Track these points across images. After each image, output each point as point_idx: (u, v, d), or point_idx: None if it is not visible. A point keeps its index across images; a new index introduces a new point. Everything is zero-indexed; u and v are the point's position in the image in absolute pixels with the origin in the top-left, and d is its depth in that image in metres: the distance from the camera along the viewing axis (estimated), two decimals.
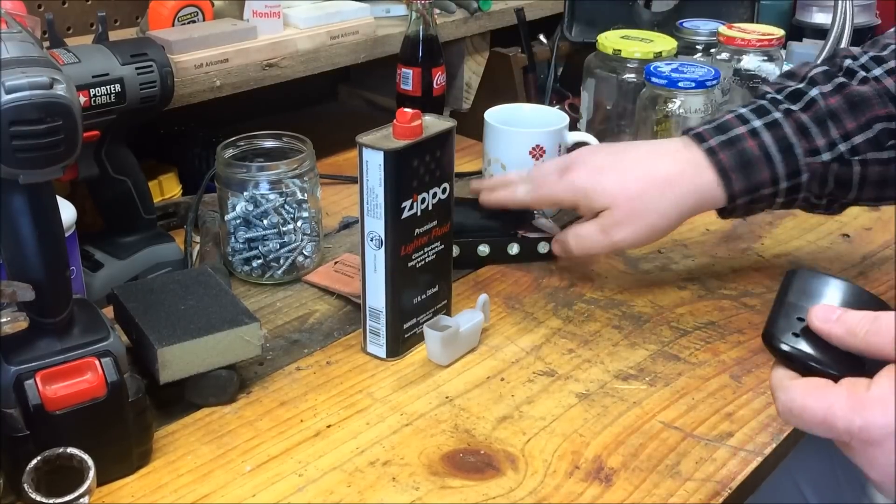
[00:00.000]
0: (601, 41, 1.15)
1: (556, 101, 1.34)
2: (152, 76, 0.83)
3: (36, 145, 0.54)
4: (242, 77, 1.03)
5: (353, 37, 1.15)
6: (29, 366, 0.59)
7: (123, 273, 0.87)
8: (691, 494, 0.64)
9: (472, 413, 0.72)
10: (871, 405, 0.51)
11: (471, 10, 1.30)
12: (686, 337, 0.83)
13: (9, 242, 0.58)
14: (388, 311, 0.77)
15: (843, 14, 1.35)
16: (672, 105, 1.06)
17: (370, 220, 0.75)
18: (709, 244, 1.00)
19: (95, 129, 0.81)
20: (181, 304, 0.74)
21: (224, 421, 0.71)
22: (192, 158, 1.10)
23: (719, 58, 1.14)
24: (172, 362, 0.69)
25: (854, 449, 0.53)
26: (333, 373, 0.77)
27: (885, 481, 0.53)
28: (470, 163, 1.19)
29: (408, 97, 1.19)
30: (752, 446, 0.69)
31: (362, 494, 0.64)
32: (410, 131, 0.74)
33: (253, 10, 1.06)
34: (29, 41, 0.57)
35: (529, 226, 0.96)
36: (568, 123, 1.04)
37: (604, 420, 0.71)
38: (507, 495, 0.64)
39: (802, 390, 0.54)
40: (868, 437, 0.52)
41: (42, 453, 0.58)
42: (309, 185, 0.89)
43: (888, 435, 0.51)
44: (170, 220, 1.01)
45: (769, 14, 1.42)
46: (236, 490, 0.64)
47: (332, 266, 0.93)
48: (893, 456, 0.51)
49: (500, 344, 0.81)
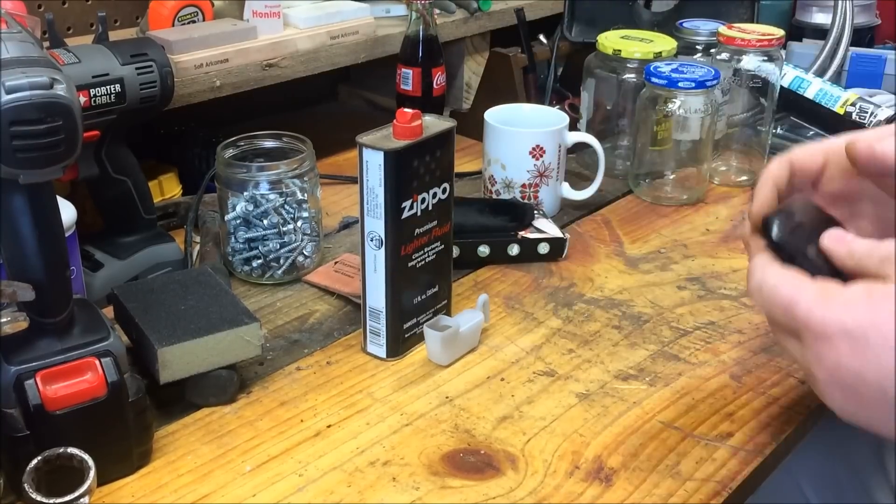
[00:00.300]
0: (601, 41, 1.15)
1: (556, 101, 1.34)
2: (152, 76, 0.83)
3: (36, 145, 0.54)
4: (242, 77, 1.03)
5: (353, 37, 1.15)
6: (29, 366, 0.59)
7: (123, 273, 0.87)
8: (691, 494, 0.64)
9: (473, 413, 0.72)
10: (837, 303, 0.53)
11: (471, 10, 1.30)
12: (686, 337, 0.83)
13: (9, 242, 0.58)
14: (388, 311, 0.77)
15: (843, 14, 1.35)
16: (672, 105, 1.06)
17: (370, 220, 0.75)
18: (709, 244, 1.00)
19: (95, 129, 0.81)
20: (181, 304, 0.74)
21: (224, 421, 0.71)
22: (192, 158, 1.10)
23: (719, 58, 1.14)
24: (172, 362, 0.69)
25: (805, 342, 0.54)
26: (333, 373, 0.77)
27: (827, 380, 0.54)
28: (470, 163, 1.19)
29: (408, 97, 1.19)
30: (752, 446, 0.69)
31: (362, 494, 0.64)
32: (410, 131, 0.74)
33: (253, 10, 1.06)
34: (29, 41, 0.57)
35: (529, 226, 0.96)
36: (568, 123, 1.04)
37: (604, 420, 0.71)
38: (507, 495, 0.64)
39: (779, 273, 0.56)
40: (823, 332, 0.52)
41: (42, 453, 0.58)
42: (309, 185, 0.89)
43: (843, 334, 0.52)
44: (170, 220, 1.01)
45: (769, 14, 1.42)
46: (236, 490, 0.64)
47: (332, 266, 0.93)
48: (841, 357, 0.52)
49: (500, 344, 0.81)
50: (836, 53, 1.34)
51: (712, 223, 1.05)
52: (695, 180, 1.11)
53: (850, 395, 0.54)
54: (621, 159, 1.18)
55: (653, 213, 1.08)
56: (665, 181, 1.11)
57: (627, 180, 1.14)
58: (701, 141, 1.08)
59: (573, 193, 1.07)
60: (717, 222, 1.06)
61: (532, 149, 1.02)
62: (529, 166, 1.02)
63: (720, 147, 1.17)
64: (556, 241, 0.95)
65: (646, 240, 1.01)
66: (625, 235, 1.02)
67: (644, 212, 1.08)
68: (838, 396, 0.55)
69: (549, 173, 1.03)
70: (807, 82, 1.21)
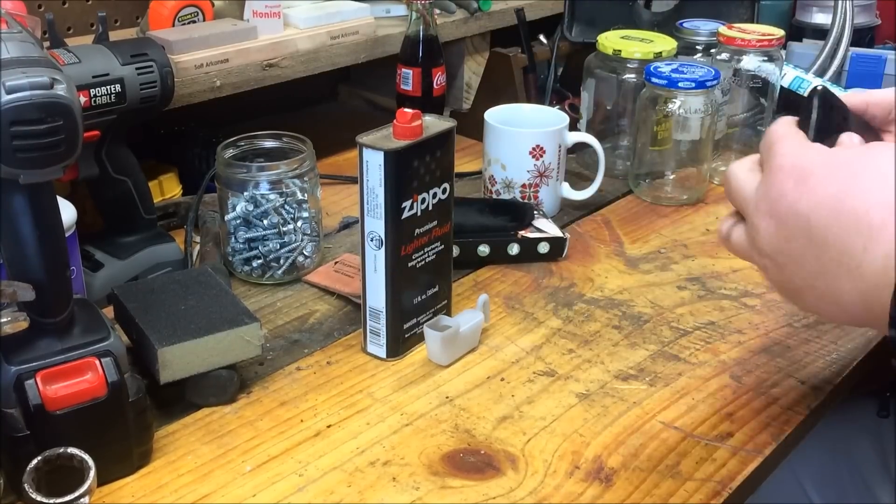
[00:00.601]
0: (601, 41, 1.15)
1: (556, 102, 1.34)
2: (152, 76, 0.83)
3: (36, 145, 0.54)
4: (242, 77, 1.03)
5: (353, 37, 1.15)
6: (29, 366, 0.59)
7: (124, 273, 0.87)
8: (691, 494, 0.64)
9: (473, 413, 0.72)
10: (807, 147, 0.58)
11: (471, 10, 1.30)
12: (686, 337, 0.83)
13: (9, 242, 0.58)
14: (389, 311, 0.77)
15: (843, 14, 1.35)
16: (672, 105, 1.06)
17: (370, 220, 0.75)
18: (709, 244, 1.00)
19: (96, 129, 0.81)
20: (181, 304, 0.74)
21: (224, 421, 0.71)
22: (192, 158, 1.10)
23: (719, 58, 1.14)
24: (173, 362, 0.69)
25: (764, 174, 0.59)
26: (333, 373, 0.77)
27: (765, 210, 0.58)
28: (470, 163, 1.19)
29: (408, 97, 1.19)
30: (752, 446, 0.69)
31: (362, 494, 0.64)
32: (411, 131, 0.74)
33: (253, 11, 1.06)
34: (29, 41, 0.57)
35: (529, 226, 0.96)
36: (568, 123, 1.04)
37: (604, 420, 0.71)
38: (508, 495, 0.64)
39: (787, 122, 0.61)
40: (780, 163, 0.57)
41: (42, 453, 0.58)
42: (309, 185, 0.89)
43: (794, 168, 0.57)
44: (170, 220, 1.01)
45: (769, 14, 1.42)
46: (236, 490, 0.64)
47: (332, 266, 0.93)
48: (785, 186, 0.56)
49: (501, 344, 0.81)
50: (836, 53, 1.34)
51: (712, 223, 1.05)
52: (695, 180, 1.11)
53: (779, 226, 0.57)
54: (621, 159, 1.18)
55: (653, 213, 1.08)
56: (665, 181, 1.11)
57: (627, 180, 1.14)
58: (701, 141, 1.08)
59: (573, 193, 1.07)
60: (717, 222, 1.05)
61: (532, 149, 1.02)
62: (529, 166, 1.02)
63: (720, 147, 1.17)
64: (556, 240, 0.95)
65: (646, 240, 1.01)
66: (625, 235, 1.02)
67: (644, 212, 1.08)
68: (771, 227, 0.58)
69: (549, 173, 1.03)
70: (807, 82, 1.21)
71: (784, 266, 0.58)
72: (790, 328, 0.84)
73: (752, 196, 0.60)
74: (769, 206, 0.58)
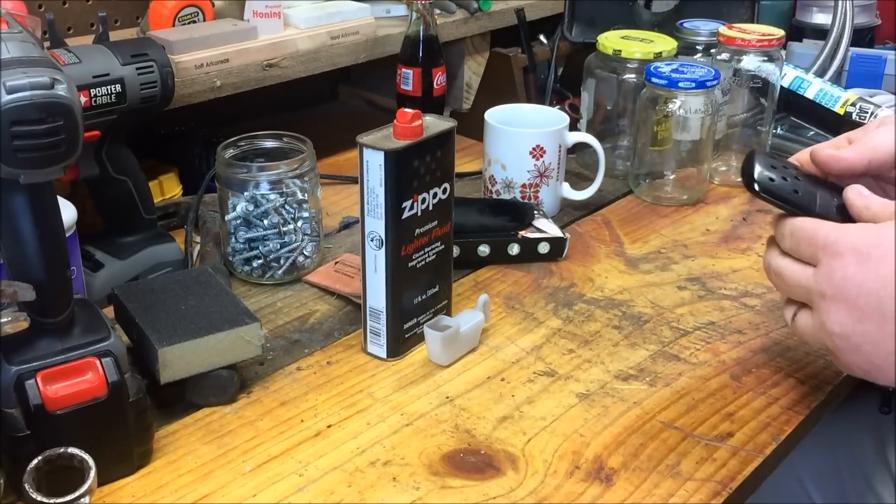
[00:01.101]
0: (601, 41, 1.15)
1: (557, 102, 1.34)
2: (153, 76, 0.83)
3: (37, 145, 0.54)
4: (243, 77, 1.03)
5: (353, 37, 1.15)
6: (30, 366, 0.59)
7: (124, 273, 0.87)
8: (691, 494, 0.64)
9: (473, 413, 0.72)
10: (851, 228, 0.63)
11: (471, 11, 1.30)
12: (686, 337, 0.83)
13: (9, 242, 0.58)
14: (389, 311, 0.77)
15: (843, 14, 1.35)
16: (672, 105, 1.06)
17: (370, 220, 0.75)
18: (709, 244, 1.00)
19: (96, 129, 0.81)
20: (182, 304, 0.74)
21: (224, 421, 0.71)
22: (192, 158, 1.10)
23: (719, 58, 1.14)
24: (173, 362, 0.69)
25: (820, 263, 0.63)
26: (334, 373, 0.77)
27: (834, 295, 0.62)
28: (470, 163, 1.19)
29: (408, 97, 1.19)
30: (752, 446, 0.69)
31: (363, 494, 0.64)
32: (411, 131, 0.74)
33: (253, 11, 1.06)
34: (30, 41, 0.57)
35: (530, 226, 0.96)
36: (568, 124, 1.04)
37: (604, 420, 0.71)
38: (508, 495, 0.64)
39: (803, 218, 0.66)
40: (836, 250, 0.61)
41: (43, 453, 0.58)
42: (309, 185, 0.89)
43: (852, 250, 0.61)
44: (170, 220, 1.01)
45: (769, 14, 1.43)
46: (237, 490, 0.64)
47: (332, 266, 0.93)
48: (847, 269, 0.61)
49: (501, 344, 0.81)
50: (837, 54, 1.34)
51: (712, 223, 1.05)
52: (695, 180, 1.11)
53: (851, 307, 0.61)
54: (621, 159, 1.18)
55: (653, 213, 1.08)
56: (665, 181, 1.11)
57: (627, 180, 1.14)
58: (701, 141, 1.08)
59: (573, 193, 1.07)
60: (717, 222, 1.06)
61: (532, 149, 1.02)
62: (529, 166, 1.02)
63: (720, 147, 1.17)
64: (556, 240, 0.95)
65: (646, 240, 1.01)
66: (625, 235, 1.02)
67: (644, 212, 1.08)
68: (842, 310, 0.61)
69: (550, 173, 1.03)
70: (807, 82, 1.21)
71: (860, 346, 0.61)
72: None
73: (814, 284, 0.63)
74: (835, 291, 0.61)
